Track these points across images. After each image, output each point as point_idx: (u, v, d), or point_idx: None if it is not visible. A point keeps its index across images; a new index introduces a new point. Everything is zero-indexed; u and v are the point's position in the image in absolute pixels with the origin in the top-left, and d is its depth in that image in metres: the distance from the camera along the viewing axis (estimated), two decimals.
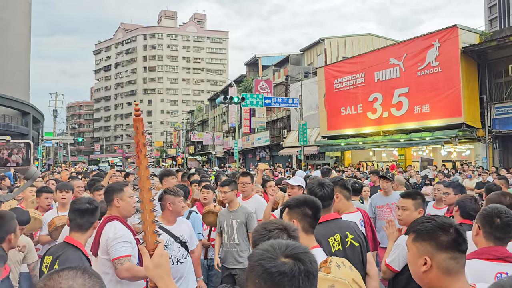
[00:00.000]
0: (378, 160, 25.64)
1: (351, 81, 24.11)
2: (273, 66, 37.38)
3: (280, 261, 1.12)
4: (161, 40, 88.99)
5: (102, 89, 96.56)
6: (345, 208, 3.39)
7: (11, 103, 40.45)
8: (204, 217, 5.14)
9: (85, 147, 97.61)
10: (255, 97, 25.23)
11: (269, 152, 35.54)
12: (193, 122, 62.61)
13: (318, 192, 2.90)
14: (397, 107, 21.24)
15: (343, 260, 2.26)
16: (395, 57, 21.19)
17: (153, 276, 1.50)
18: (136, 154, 1.58)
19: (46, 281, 1.13)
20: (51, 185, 6.36)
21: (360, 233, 2.92)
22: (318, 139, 27.03)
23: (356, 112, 23.86)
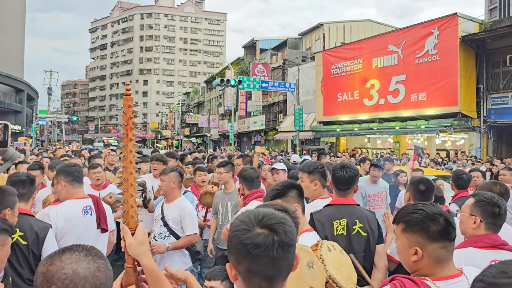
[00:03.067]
0: (373, 147, 25.72)
1: (349, 67, 24.01)
2: (271, 49, 37.10)
3: (254, 232, 1.12)
4: (158, 20, 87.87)
5: (98, 68, 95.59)
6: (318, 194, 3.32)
7: (5, 79, 40.01)
8: (201, 197, 5.17)
9: (80, 126, 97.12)
10: (252, 81, 25.07)
11: (265, 136, 35.54)
12: (189, 104, 62.33)
13: (336, 173, 2.91)
14: (393, 95, 21.23)
15: (334, 244, 2.28)
16: (393, 44, 21.08)
17: (137, 253, 1.49)
18: (125, 132, 1.56)
19: (48, 266, 1.10)
20: (44, 163, 6.33)
21: (374, 225, 2.89)
22: (314, 124, 27.02)
23: (352, 98, 23.82)
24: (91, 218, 3.42)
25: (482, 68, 18.50)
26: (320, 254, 2.08)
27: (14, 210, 2.72)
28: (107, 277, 1.14)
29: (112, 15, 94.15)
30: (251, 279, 1.14)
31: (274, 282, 1.15)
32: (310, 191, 3.23)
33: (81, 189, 3.47)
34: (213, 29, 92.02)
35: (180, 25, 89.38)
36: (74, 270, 1.09)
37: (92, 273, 1.11)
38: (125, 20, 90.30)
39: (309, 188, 3.20)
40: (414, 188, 3.27)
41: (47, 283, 1.07)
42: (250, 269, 1.12)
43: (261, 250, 1.10)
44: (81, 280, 1.08)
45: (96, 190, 5.07)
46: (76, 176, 3.41)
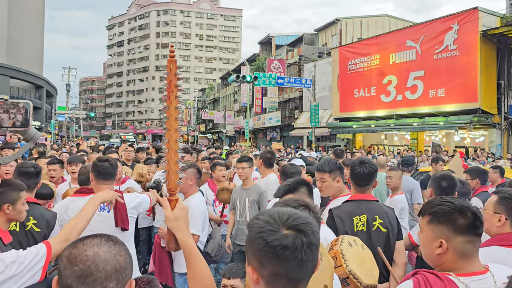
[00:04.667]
0: (389, 144, 25.44)
1: (366, 63, 23.76)
2: (287, 45, 36.93)
3: (282, 233, 1.08)
4: (174, 17, 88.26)
5: (115, 64, 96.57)
6: (340, 192, 3.29)
7: (25, 76, 40.75)
8: (218, 193, 5.15)
9: (97, 122, 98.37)
10: (268, 77, 25.03)
11: (280, 133, 35.46)
12: (205, 100, 62.57)
13: (355, 169, 2.88)
14: (411, 91, 20.94)
15: (355, 238, 2.25)
16: (412, 39, 20.77)
17: (173, 227, 1.57)
18: (167, 94, 1.60)
19: (71, 250, 1.15)
20: (64, 158, 6.42)
21: (394, 221, 2.86)
22: (330, 120, 26.84)
23: (369, 94, 23.57)
24: (107, 215, 3.34)
25: (503, 63, 18.09)
26: (340, 249, 2.06)
27: (15, 206, 2.63)
28: (127, 262, 1.18)
29: (129, 12, 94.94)
30: (275, 283, 1.09)
31: (299, 285, 1.11)
32: (333, 189, 3.20)
33: (105, 185, 3.37)
34: (228, 25, 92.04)
35: (196, 22, 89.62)
36: (95, 253, 1.13)
37: (113, 256, 1.14)
38: (142, 17, 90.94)
39: (332, 187, 3.18)
40: (436, 185, 3.22)
41: (70, 265, 1.11)
42: (275, 272, 1.08)
43: (289, 252, 1.06)
44: (102, 262, 1.12)
45: (115, 185, 5.10)
46: (100, 172, 3.35)
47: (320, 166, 3.25)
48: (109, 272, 1.12)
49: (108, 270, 1.12)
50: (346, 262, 2.01)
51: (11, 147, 6.94)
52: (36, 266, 1.86)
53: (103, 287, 1.11)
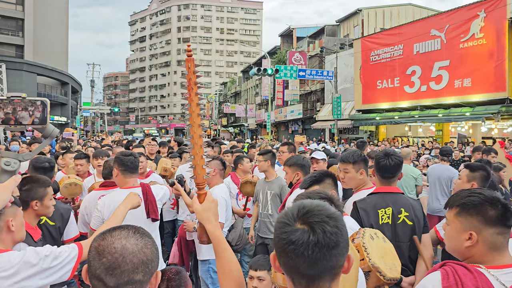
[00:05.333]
0: (414, 136, 25.00)
1: (389, 53, 23.35)
2: (308, 37, 36.60)
3: (293, 228, 1.06)
4: (195, 11, 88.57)
5: (137, 60, 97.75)
6: (364, 184, 3.25)
7: (51, 73, 41.68)
8: (242, 186, 5.18)
9: (121, 117, 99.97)
10: (289, 69, 24.89)
11: (302, 125, 35.29)
12: (226, 94, 62.73)
13: (381, 161, 2.85)
14: (436, 81, 20.49)
15: (376, 231, 2.23)
16: (436, 28, 20.28)
17: (202, 218, 1.61)
18: (188, 92, 1.63)
19: (100, 241, 1.18)
20: (89, 153, 6.56)
21: (420, 214, 2.82)
22: (352, 112, 26.55)
23: (392, 85, 23.19)
24: (139, 207, 3.28)
25: None
26: (363, 242, 2.03)
27: (43, 202, 2.70)
28: (154, 255, 1.21)
29: (150, 8, 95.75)
30: (289, 275, 1.09)
31: (315, 282, 1.07)
32: (356, 182, 3.17)
33: (132, 179, 3.45)
34: (249, 18, 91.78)
35: (217, 16, 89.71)
36: (123, 245, 1.16)
37: (140, 249, 1.18)
38: (163, 12, 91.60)
39: (355, 178, 3.15)
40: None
41: (98, 256, 1.15)
42: (287, 265, 1.08)
43: (295, 248, 1.03)
44: (129, 255, 1.15)
45: (139, 179, 5.19)
46: (127, 166, 3.41)
47: (344, 157, 3.22)
48: (136, 265, 1.15)
49: (135, 262, 1.15)
50: (369, 255, 1.98)
51: (39, 142, 7.14)
52: (68, 265, 1.90)
53: (130, 278, 1.14)
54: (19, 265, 1.78)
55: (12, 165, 1.37)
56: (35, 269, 1.80)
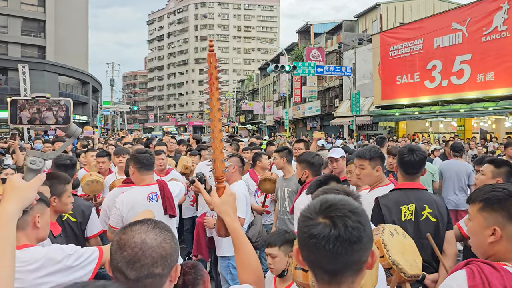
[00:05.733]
0: (435, 131, 24.60)
1: (408, 48, 23.00)
2: (326, 33, 36.30)
3: (315, 221, 1.05)
4: (212, 9, 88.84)
5: (156, 59, 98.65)
6: (380, 181, 3.19)
7: (72, 73, 42.41)
8: (260, 183, 5.19)
9: (140, 116, 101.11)
10: (307, 66, 24.75)
11: (320, 122, 35.09)
12: (244, 91, 62.82)
13: (405, 157, 2.81)
14: (457, 75, 20.09)
15: (396, 227, 2.20)
16: (457, 21, 19.88)
17: (221, 211, 1.64)
18: (209, 86, 1.65)
19: (121, 235, 1.22)
20: (110, 150, 6.66)
21: (443, 210, 2.77)
22: (371, 108, 26.27)
23: (412, 80, 22.84)
24: (156, 204, 3.41)
25: None
26: (382, 239, 2.01)
27: (61, 199, 2.76)
28: (173, 249, 1.24)
29: (168, 7, 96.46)
30: (312, 269, 1.09)
31: (337, 277, 1.06)
32: (372, 178, 3.12)
33: (149, 176, 3.48)
34: (266, 15, 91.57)
35: (234, 13, 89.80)
36: (142, 240, 1.19)
37: (159, 244, 1.20)
38: (180, 11, 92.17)
39: (371, 175, 3.10)
40: None
41: (120, 250, 1.19)
42: (309, 259, 1.08)
43: (316, 241, 1.03)
44: (148, 249, 1.18)
45: (159, 176, 5.25)
46: (143, 164, 3.43)
47: (361, 153, 3.17)
48: (155, 259, 1.18)
49: (155, 256, 1.18)
50: (388, 252, 1.95)
51: (62, 141, 7.28)
52: (89, 265, 1.97)
53: (150, 272, 1.17)
54: (43, 260, 1.84)
55: (37, 164, 1.40)
56: (59, 266, 1.86)
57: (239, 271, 1.59)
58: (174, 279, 1.26)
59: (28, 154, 1.45)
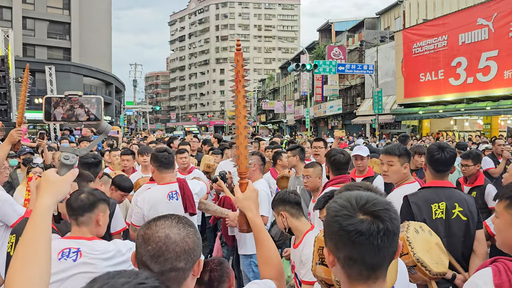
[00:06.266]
0: (460, 130, 24.09)
1: (432, 45, 22.59)
2: (347, 31, 35.98)
3: (357, 218, 1.06)
4: (232, 9, 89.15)
5: (177, 59, 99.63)
6: (406, 178, 3.18)
7: (96, 74, 43.25)
8: (278, 181, 5.24)
9: (162, 116, 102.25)
10: (328, 64, 24.61)
11: (342, 121, 34.81)
12: (265, 91, 62.83)
13: (435, 155, 2.78)
14: (484, 72, 19.62)
15: (422, 224, 2.18)
16: (483, 17, 19.41)
17: (243, 206, 1.66)
18: (235, 84, 1.67)
19: (145, 230, 1.26)
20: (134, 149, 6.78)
21: (474, 209, 2.73)
22: (394, 107, 25.91)
23: (436, 78, 22.43)
24: (176, 203, 3.44)
25: None
26: (406, 236, 1.99)
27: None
28: (196, 244, 1.27)
29: (189, 7, 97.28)
30: (351, 267, 1.09)
31: (376, 271, 1.09)
32: (400, 175, 3.10)
33: (168, 174, 3.52)
34: (287, 14, 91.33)
35: (254, 13, 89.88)
36: (166, 234, 1.23)
37: (182, 238, 1.24)
38: (201, 11, 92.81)
39: (399, 172, 3.09)
40: None
41: (144, 244, 1.23)
42: (350, 257, 1.08)
43: (365, 238, 1.04)
44: (172, 244, 1.22)
45: (182, 175, 5.31)
46: (162, 162, 3.48)
47: (390, 149, 3.15)
48: (178, 253, 1.22)
49: (178, 251, 1.22)
50: (413, 249, 1.94)
51: (88, 140, 7.45)
52: None
53: (173, 266, 1.21)
54: (114, 251, 2.07)
55: (70, 159, 1.45)
56: (123, 258, 2.08)
57: (261, 266, 1.61)
58: (196, 273, 1.29)
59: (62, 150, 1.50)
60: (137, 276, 0.80)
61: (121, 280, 0.77)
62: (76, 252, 2.05)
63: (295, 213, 2.71)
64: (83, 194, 2.25)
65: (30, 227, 1.23)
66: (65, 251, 2.06)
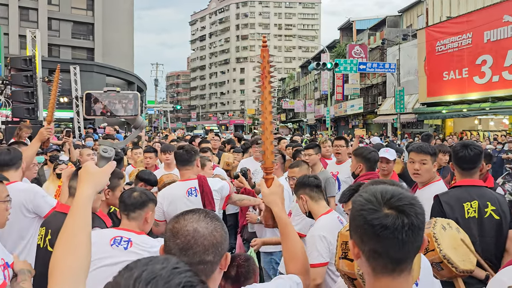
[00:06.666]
0: (484, 129, 23.55)
1: (456, 43, 22.15)
2: (368, 29, 35.60)
3: (382, 213, 1.07)
4: (253, 8, 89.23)
5: (198, 58, 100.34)
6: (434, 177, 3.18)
7: (119, 73, 43.93)
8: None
9: (183, 115, 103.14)
10: (349, 63, 24.42)
11: (363, 120, 34.47)
12: (285, 90, 62.72)
13: (459, 153, 2.76)
14: (510, 70, 19.17)
15: (450, 221, 2.16)
16: (509, 14, 18.94)
17: (269, 201, 1.69)
18: (261, 80, 1.71)
19: (174, 224, 1.28)
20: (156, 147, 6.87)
21: (506, 208, 2.69)
22: (416, 106, 25.52)
23: (460, 76, 21.99)
24: (195, 199, 3.48)
25: None
26: (433, 233, 1.98)
27: (114, 193, 2.89)
28: (223, 238, 1.29)
29: (209, 7, 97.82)
30: (376, 260, 1.11)
31: (401, 264, 1.10)
32: (430, 174, 3.10)
33: (187, 171, 3.59)
34: (307, 13, 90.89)
35: (275, 12, 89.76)
36: (195, 228, 1.25)
37: (210, 232, 1.26)
38: (222, 11, 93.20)
39: (431, 170, 3.08)
40: None
41: (173, 237, 1.25)
42: (375, 250, 1.09)
43: (389, 232, 1.06)
44: (200, 237, 1.23)
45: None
46: (178, 159, 3.60)
47: (424, 147, 3.13)
48: (206, 247, 1.23)
49: (206, 244, 1.23)
50: (439, 246, 1.93)
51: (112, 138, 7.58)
52: None
53: (202, 259, 1.22)
54: (157, 247, 2.10)
55: (108, 152, 1.51)
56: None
57: (286, 261, 1.62)
58: (224, 267, 1.31)
59: (100, 143, 1.56)
60: (168, 261, 0.82)
61: (158, 266, 0.79)
62: (127, 241, 2.19)
63: (314, 196, 2.76)
64: (136, 193, 2.39)
65: (72, 215, 1.29)
66: (117, 238, 2.20)
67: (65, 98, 19.89)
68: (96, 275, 1.90)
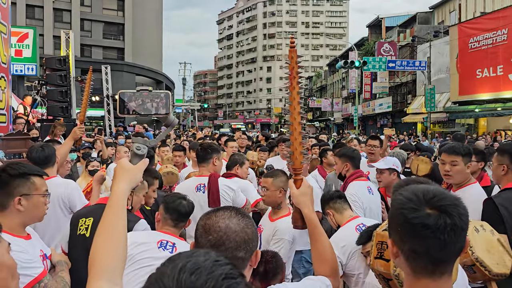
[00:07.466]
0: None
1: (490, 39, 21.46)
2: (398, 26, 34.91)
3: (424, 212, 1.06)
4: (280, 6, 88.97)
5: (225, 57, 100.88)
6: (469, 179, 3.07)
7: (147, 72, 44.72)
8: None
9: (210, 113, 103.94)
10: (378, 61, 24.03)
11: (391, 119, 33.87)
12: (312, 88, 62.32)
13: None
14: None
15: (483, 223, 2.11)
16: None
17: (299, 202, 1.69)
18: (290, 80, 1.72)
19: (206, 220, 1.30)
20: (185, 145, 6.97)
21: None
22: (447, 104, 24.88)
23: (495, 74, 21.30)
24: (203, 195, 3.58)
25: None
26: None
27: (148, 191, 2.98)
28: (254, 234, 1.29)
29: (237, 6, 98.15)
30: (415, 260, 1.09)
31: (441, 266, 1.08)
32: (464, 176, 2.99)
33: (203, 168, 3.73)
34: (335, 10, 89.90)
35: (302, 9, 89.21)
36: (227, 225, 1.26)
37: (242, 228, 1.26)
38: (249, 10, 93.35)
39: (463, 172, 2.97)
40: None
41: (205, 234, 1.26)
42: (415, 250, 1.08)
43: (430, 232, 1.04)
44: (232, 233, 1.24)
45: None
46: (197, 157, 3.84)
47: (456, 148, 3.03)
48: (238, 243, 1.24)
49: (238, 241, 1.24)
50: (472, 248, 1.88)
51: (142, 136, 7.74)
52: None
53: (234, 255, 1.23)
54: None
55: (142, 149, 1.55)
56: None
57: (315, 262, 1.62)
58: (254, 264, 1.31)
59: (133, 141, 1.60)
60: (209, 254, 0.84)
61: (201, 258, 0.81)
62: (172, 246, 2.28)
63: (338, 207, 2.75)
64: (185, 202, 2.51)
65: (109, 209, 1.33)
66: (163, 241, 2.28)
67: (96, 97, 20.37)
68: (149, 272, 1.96)
